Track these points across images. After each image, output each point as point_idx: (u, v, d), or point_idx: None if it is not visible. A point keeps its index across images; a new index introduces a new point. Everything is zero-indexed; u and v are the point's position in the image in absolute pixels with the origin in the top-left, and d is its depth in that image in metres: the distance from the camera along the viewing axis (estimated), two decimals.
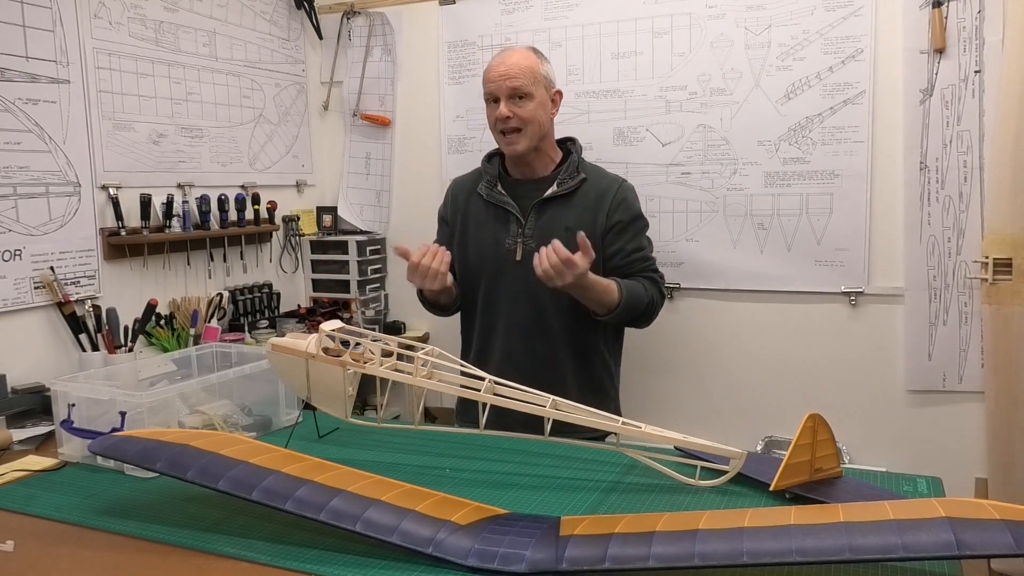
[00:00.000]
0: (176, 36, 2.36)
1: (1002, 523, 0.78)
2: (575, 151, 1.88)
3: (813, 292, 2.33)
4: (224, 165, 2.53)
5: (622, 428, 1.16)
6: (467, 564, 0.92)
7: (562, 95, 1.89)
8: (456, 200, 1.92)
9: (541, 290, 1.68)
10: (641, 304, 1.75)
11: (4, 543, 1.04)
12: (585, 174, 1.83)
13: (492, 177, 1.86)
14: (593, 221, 1.78)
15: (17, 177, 1.91)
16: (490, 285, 1.82)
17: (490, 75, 1.80)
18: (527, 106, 1.77)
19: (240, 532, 1.05)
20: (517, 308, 1.79)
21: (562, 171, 1.82)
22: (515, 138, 1.78)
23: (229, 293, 2.51)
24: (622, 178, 1.89)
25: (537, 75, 1.79)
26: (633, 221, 1.83)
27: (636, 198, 1.87)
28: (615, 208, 1.80)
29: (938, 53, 2.12)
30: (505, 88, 1.76)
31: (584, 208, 1.80)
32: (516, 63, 1.78)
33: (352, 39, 2.87)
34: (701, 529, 0.89)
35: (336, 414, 1.32)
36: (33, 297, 1.95)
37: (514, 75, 1.76)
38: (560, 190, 1.79)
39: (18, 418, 1.70)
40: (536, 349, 1.78)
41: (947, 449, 2.22)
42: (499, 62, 1.80)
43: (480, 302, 1.84)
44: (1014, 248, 2.05)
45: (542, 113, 1.80)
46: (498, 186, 1.85)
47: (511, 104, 1.76)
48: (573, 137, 1.94)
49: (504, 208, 1.82)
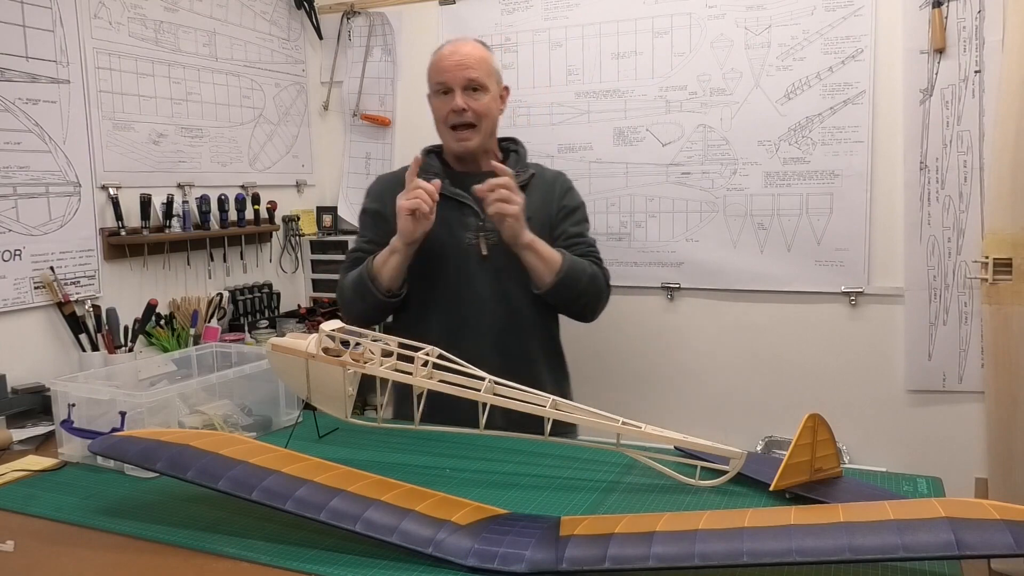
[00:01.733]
0: (176, 36, 2.36)
1: (1002, 523, 0.78)
2: (520, 148, 1.81)
3: (813, 292, 2.33)
4: (224, 165, 2.53)
5: (622, 428, 1.16)
6: (467, 564, 0.92)
7: (509, 92, 1.79)
8: (392, 194, 1.69)
9: (512, 285, 1.65)
10: (585, 275, 1.66)
11: (4, 543, 1.04)
12: (532, 169, 1.78)
13: (437, 171, 1.73)
14: (548, 208, 1.74)
15: (17, 177, 1.91)
16: (452, 284, 1.69)
17: (443, 64, 1.67)
18: (482, 99, 1.67)
19: (240, 532, 1.05)
20: (487, 306, 1.68)
21: (511, 165, 1.73)
22: (468, 134, 1.68)
23: (229, 293, 2.51)
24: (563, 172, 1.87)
25: (491, 68, 1.70)
26: (577, 208, 1.79)
27: (578, 192, 1.84)
28: (562, 195, 1.77)
29: (938, 53, 2.12)
30: (461, 78, 1.65)
31: (539, 199, 1.73)
32: (471, 53, 1.67)
33: (352, 39, 2.87)
34: (701, 529, 0.89)
35: (336, 414, 1.32)
36: (33, 297, 1.95)
37: (471, 65, 1.66)
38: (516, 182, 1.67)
39: (18, 418, 1.70)
40: (510, 347, 1.68)
41: (947, 449, 2.22)
42: (452, 51, 1.68)
43: (439, 303, 1.70)
44: (1014, 248, 2.05)
45: (495, 108, 1.71)
46: (446, 179, 1.72)
47: (466, 96, 1.65)
48: (514, 137, 1.86)
49: (458, 201, 1.69)
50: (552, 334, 1.82)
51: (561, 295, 1.65)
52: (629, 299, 2.54)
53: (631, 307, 2.54)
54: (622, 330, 2.55)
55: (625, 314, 2.55)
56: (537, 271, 1.63)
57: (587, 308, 1.74)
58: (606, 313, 2.33)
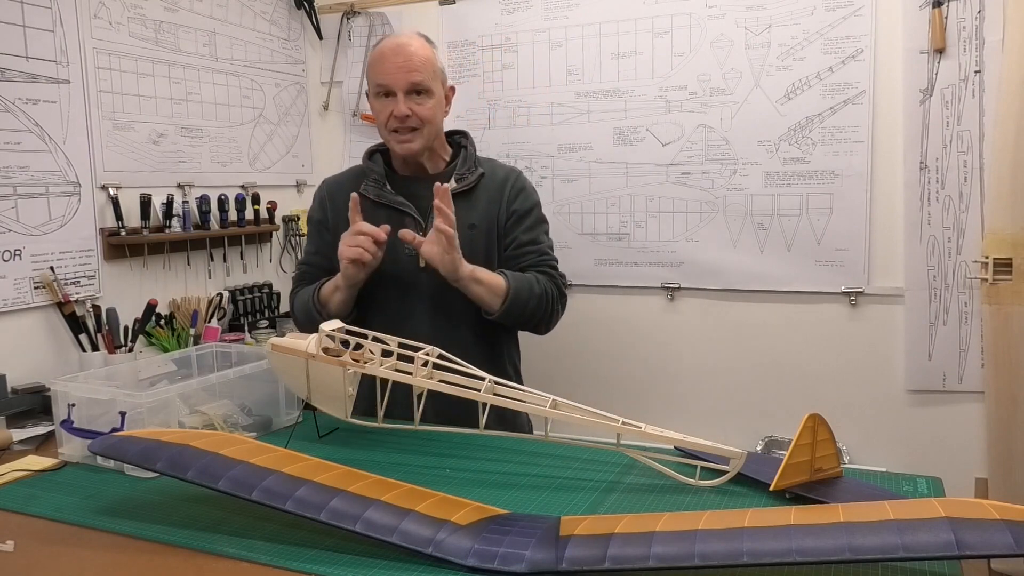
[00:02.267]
0: (176, 36, 2.36)
1: (1002, 523, 0.78)
2: (469, 144, 1.72)
3: (813, 292, 2.33)
4: (224, 165, 2.53)
5: (622, 428, 1.16)
6: (467, 564, 0.92)
7: (454, 91, 1.73)
8: (335, 201, 1.70)
9: (451, 297, 1.57)
10: (533, 295, 1.58)
11: (4, 543, 1.04)
12: (482, 168, 1.69)
13: (379, 176, 1.66)
14: (497, 214, 1.66)
15: (17, 177, 1.91)
16: (391, 296, 1.63)
17: (385, 66, 1.58)
18: (427, 103, 1.59)
19: (240, 532, 1.05)
20: (424, 319, 1.61)
21: (458, 166, 1.67)
22: (410, 136, 1.60)
23: (229, 293, 2.51)
24: (518, 169, 1.77)
25: (436, 69, 1.61)
26: (530, 211, 1.70)
27: (535, 191, 1.74)
28: (513, 198, 1.68)
29: (938, 53, 2.12)
30: (403, 82, 1.57)
31: (487, 201, 1.66)
32: (415, 53, 1.58)
33: (352, 39, 2.87)
34: (701, 529, 0.89)
35: (336, 414, 1.32)
36: (33, 297, 1.95)
37: (414, 67, 1.57)
38: (460, 187, 1.64)
39: (18, 418, 1.70)
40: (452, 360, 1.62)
41: (947, 449, 2.22)
42: (394, 50, 1.59)
43: (377, 316, 1.63)
44: (1014, 248, 2.05)
45: (439, 112, 1.64)
46: (387, 186, 1.66)
47: (410, 101, 1.58)
48: (464, 131, 1.77)
49: (398, 210, 1.64)
50: (497, 343, 1.71)
51: (509, 318, 1.59)
52: (629, 299, 2.54)
53: (631, 307, 2.54)
54: (622, 330, 2.56)
55: (625, 314, 2.55)
56: (482, 300, 1.56)
57: (540, 324, 1.67)
58: (606, 313, 2.34)
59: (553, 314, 1.67)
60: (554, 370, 2.56)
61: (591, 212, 2.56)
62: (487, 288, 1.55)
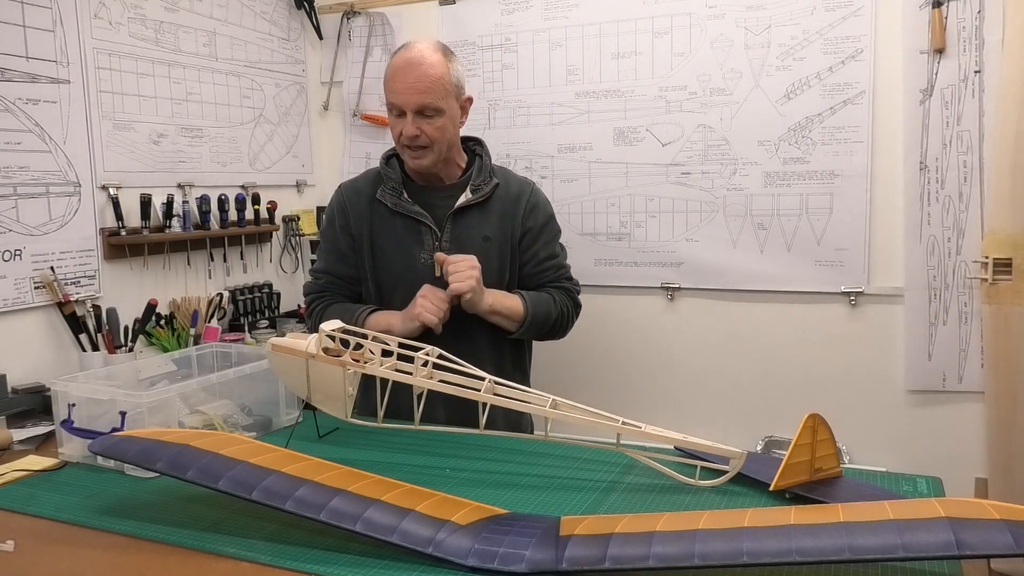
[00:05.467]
0: (176, 36, 2.36)
1: (1002, 523, 0.78)
2: (484, 154, 1.72)
3: (813, 292, 2.33)
4: (224, 165, 2.53)
5: (622, 428, 1.16)
6: (467, 564, 0.92)
7: (472, 101, 1.70)
8: (356, 207, 1.70)
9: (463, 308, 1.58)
10: (551, 318, 1.67)
11: (4, 543, 1.04)
12: (496, 178, 1.69)
13: (396, 184, 1.67)
14: (511, 228, 1.68)
15: (17, 177, 1.91)
16: (407, 303, 1.60)
17: (396, 86, 1.58)
18: (436, 122, 1.58)
19: (240, 532, 1.05)
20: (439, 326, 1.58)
21: (473, 176, 1.67)
22: (420, 154, 1.61)
23: (229, 293, 2.51)
24: (532, 181, 1.78)
25: (448, 86, 1.59)
26: (545, 226, 1.73)
27: (548, 202, 1.77)
28: (528, 213, 1.70)
29: (938, 53, 2.12)
30: (413, 103, 1.56)
31: (501, 215, 1.67)
32: (426, 72, 1.56)
33: (352, 39, 2.87)
34: (701, 529, 0.89)
35: (336, 414, 1.32)
36: (33, 297, 1.95)
37: (424, 88, 1.55)
38: (475, 197, 1.65)
39: (18, 418, 1.71)
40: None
41: (947, 449, 2.22)
42: (405, 69, 1.57)
43: None
44: (1014, 248, 2.05)
45: (451, 128, 1.63)
46: (404, 194, 1.66)
47: (419, 120, 1.57)
48: (479, 138, 1.77)
49: (415, 219, 1.65)
50: (511, 350, 1.73)
51: (527, 336, 1.69)
52: (629, 299, 2.54)
53: (631, 307, 2.54)
54: (622, 330, 2.56)
55: (625, 314, 2.55)
56: (502, 326, 1.64)
57: (556, 336, 1.75)
58: (606, 313, 2.34)
59: (569, 325, 1.75)
60: (554, 370, 2.55)
61: (591, 212, 2.56)
62: (505, 317, 1.63)
